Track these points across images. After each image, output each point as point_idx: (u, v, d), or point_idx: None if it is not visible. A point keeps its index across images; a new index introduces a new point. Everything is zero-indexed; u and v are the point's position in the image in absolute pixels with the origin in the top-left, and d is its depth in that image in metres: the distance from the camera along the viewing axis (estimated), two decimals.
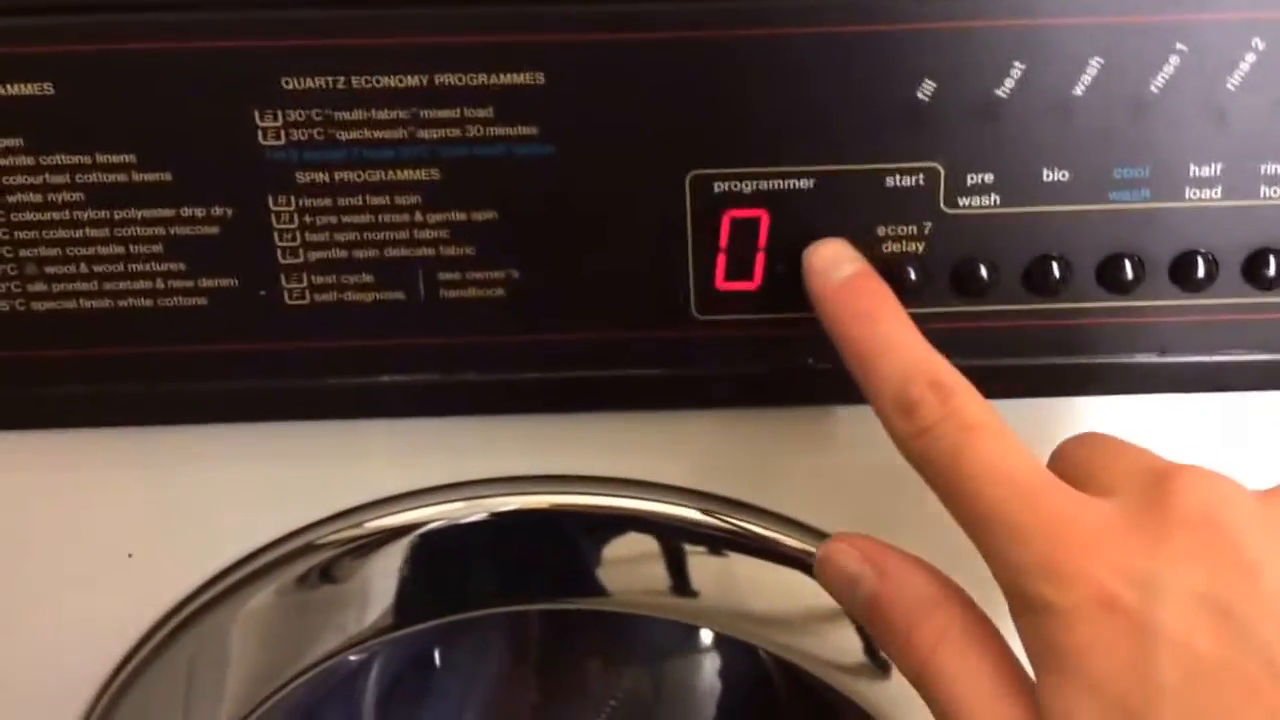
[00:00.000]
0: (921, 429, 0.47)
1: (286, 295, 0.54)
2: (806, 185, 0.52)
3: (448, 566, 0.64)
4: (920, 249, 0.53)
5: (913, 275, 0.53)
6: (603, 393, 0.56)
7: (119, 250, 0.53)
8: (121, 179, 0.51)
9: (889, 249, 0.53)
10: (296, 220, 0.52)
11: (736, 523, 0.62)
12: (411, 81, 0.50)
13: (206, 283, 0.53)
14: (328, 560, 0.62)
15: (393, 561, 0.63)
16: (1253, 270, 0.53)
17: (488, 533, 0.62)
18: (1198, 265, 0.53)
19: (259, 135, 0.51)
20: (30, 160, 0.51)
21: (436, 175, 0.52)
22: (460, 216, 0.53)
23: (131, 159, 0.51)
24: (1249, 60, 0.50)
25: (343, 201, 0.52)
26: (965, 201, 0.52)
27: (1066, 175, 0.52)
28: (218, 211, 0.52)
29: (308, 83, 0.50)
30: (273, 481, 0.61)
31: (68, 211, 0.52)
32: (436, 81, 0.50)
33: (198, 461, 0.59)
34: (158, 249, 0.53)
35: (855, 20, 0.50)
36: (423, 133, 0.51)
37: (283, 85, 0.50)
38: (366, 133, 0.51)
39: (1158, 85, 0.50)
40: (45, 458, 0.59)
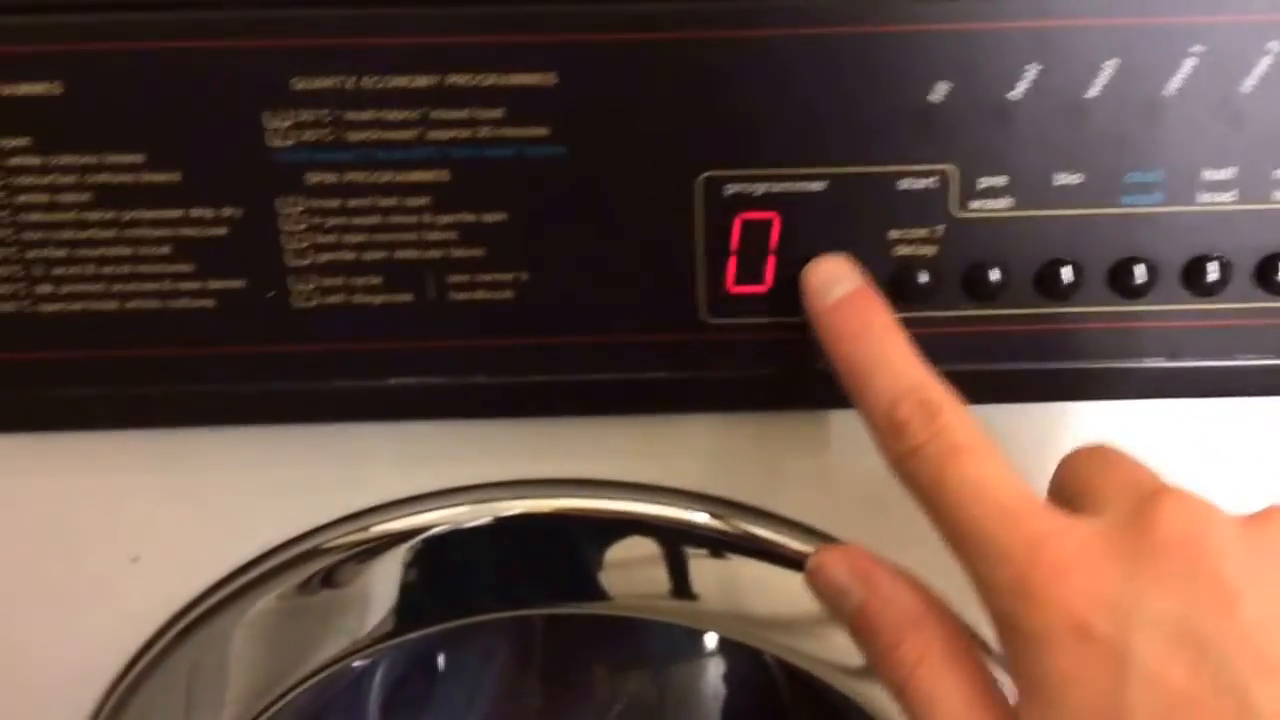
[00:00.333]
0: (909, 449, 0.48)
1: (294, 297, 0.53)
2: (818, 188, 0.52)
3: (452, 571, 0.64)
4: (932, 252, 0.53)
5: (924, 278, 0.53)
6: (612, 396, 0.56)
7: (126, 251, 0.52)
8: (129, 179, 0.51)
9: (900, 252, 0.53)
10: (305, 222, 0.52)
11: (739, 526, 0.62)
12: (422, 82, 0.50)
13: (214, 284, 0.53)
14: (331, 565, 0.62)
15: (396, 566, 0.63)
16: (1265, 274, 0.53)
17: (492, 537, 0.62)
18: (1210, 269, 0.53)
19: (268, 136, 0.51)
20: (38, 160, 0.51)
21: (446, 176, 0.52)
22: (470, 218, 0.52)
23: (140, 159, 0.51)
24: (1265, 63, 0.50)
25: (352, 203, 0.52)
26: (977, 204, 0.52)
27: (1079, 178, 0.52)
28: (226, 212, 0.52)
29: (317, 83, 0.50)
30: (279, 485, 0.60)
31: (75, 212, 0.52)
32: (447, 82, 0.50)
33: (204, 464, 0.59)
34: (165, 250, 0.52)
35: (868, 22, 0.50)
36: (433, 133, 0.51)
37: (292, 85, 0.50)
38: (376, 133, 0.51)
39: (1172, 88, 0.50)
40: (50, 460, 0.59)
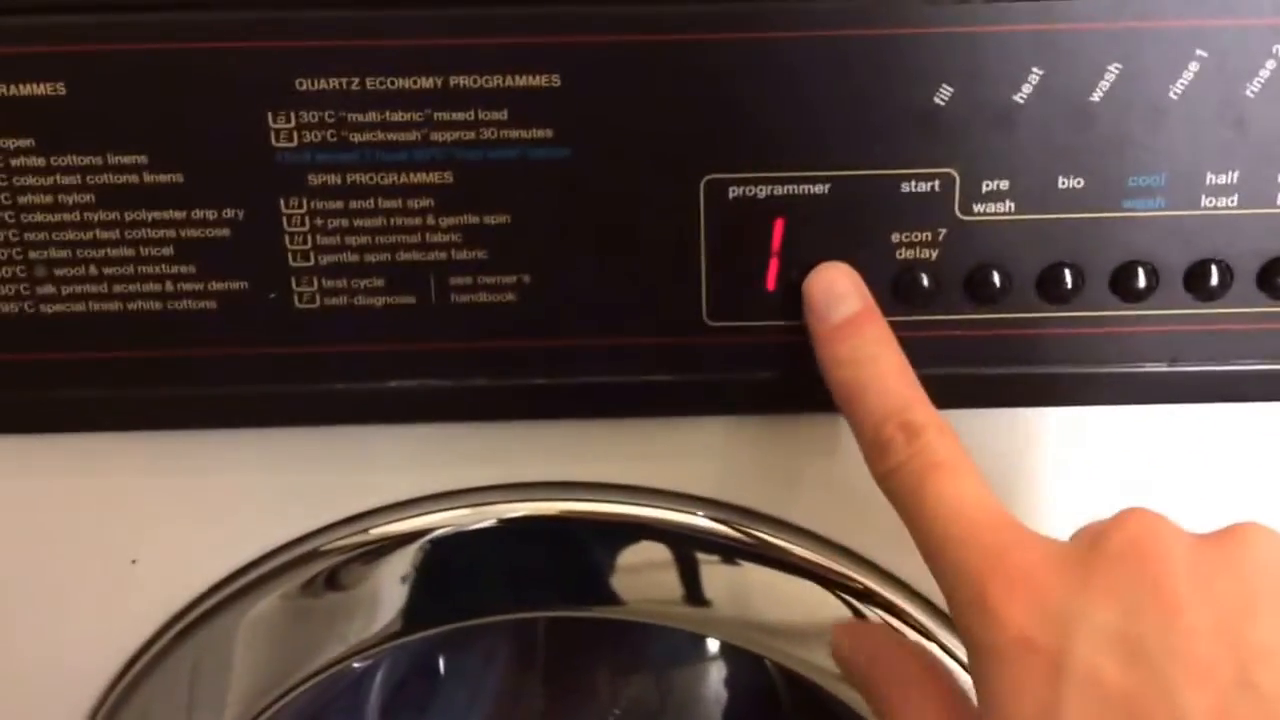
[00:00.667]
0: (891, 466, 0.49)
1: (297, 298, 0.53)
2: (822, 190, 0.52)
3: (455, 573, 0.64)
4: (934, 255, 0.53)
5: (926, 281, 0.53)
6: (614, 398, 0.56)
7: (129, 252, 0.52)
8: (133, 180, 0.51)
9: (903, 255, 0.53)
10: (308, 223, 0.52)
11: (747, 531, 0.62)
12: (426, 83, 0.50)
13: (216, 285, 0.53)
14: (334, 566, 0.62)
15: (400, 568, 0.63)
16: (1267, 279, 0.53)
17: (496, 540, 0.62)
18: (1212, 274, 0.53)
19: (272, 137, 0.51)
20: (41, 161, 0.51)
21: (450, 178, 0.52)
22: (473, 220, 0.52)
23: (143, 160, 0.51)
24: (1269, 67, 0.50)
25: (355, 204, 0.52)
26: (980, 208, 0.52)
27: (1082, 182, 0.52)
28: (229, 213, 0.52)
29: (321, 84, 0.50)
30: (280, 487, 0.60)
31: (78, 213, 0.52)
32: (451, 83, 0.50)
33: (205, 466, 0.59)
34: (168, 251, 0.52)
35: (873, 25, 0.50)
36: (436, 135, 0.51)
37: (296, 86, 0.50)
38: (380, 135, 0.51)
39: (1176, 91, 0.50)
40: (51, 461, 0.59)
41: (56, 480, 0.60)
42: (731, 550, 0.62)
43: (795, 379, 0.55)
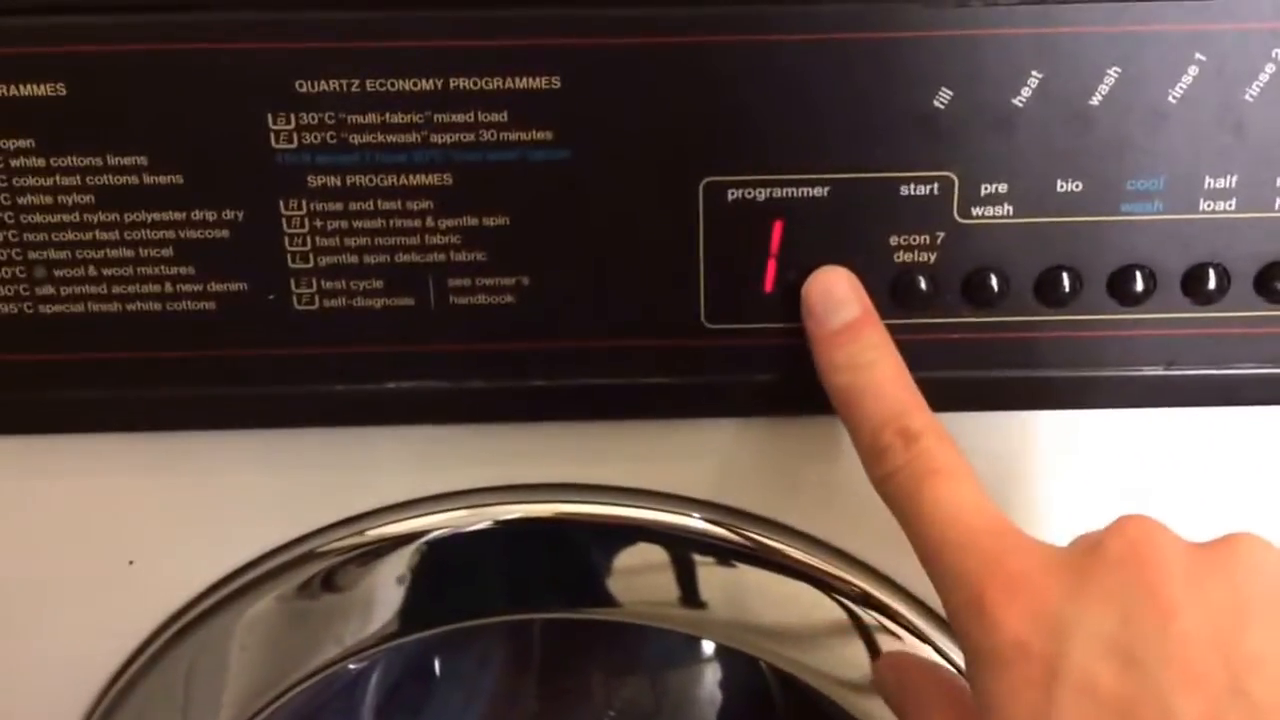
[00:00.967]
0: (888, 472, 0.50)
1: (296, 300, 0.53)
2: (821, 193, 0.52)
3: (451, 575, 0.64)
4: (932, 258, 0.53)
5: (924, 285, 0.53)
6: (613, 401, 0.56)
7: (129, 253, 0.52)
8: (133, 181, 0.51)
9: (901, 258, 0.53)
10: (307, 224, 0.52)
11: (744, 534, 0.62)
12: (426, 85, 0.50)
13: (216, 286, 0.53)
14: (329, 568, 0.62)
15: (395, 570, 0.63)
16: (1265, 283, 0.53)
17: (492, 541, 0.62)
18: (1209, 278, 0.53)
19: (271, 138, 0.51)
20: (41, 161, 0.51)
21: (449, 180, 0.52)
22: (472, 222, 0.52)
23: (143, 161, 0.51)
24: (1268, 71, 0.50)
25: (354, 206, 0.52)
26: (978, 211, 0.52)
27: (1080, 186, 0.52)
28: (228, 215, 0.52)
29: (321, 85, 0.50)
30: (277, 488, 0.60)
31: (78, 214, 0.52)
32: (451, 85, 0.50)
33: (203, 468, 0.59)
34: (167, 252, 0.52)
35: (873, 28, 0.50)
36: (436, 137, 0.51)
37: (296, 88, 0.50)
38: (379, 136, 0.51)
39: (1175, 95, 0.50)
40: (49, 462, 0.59)
41: (54, 481, 0.60)
42: (727, 552, 0.62)
43: (793, 381, 0.55)
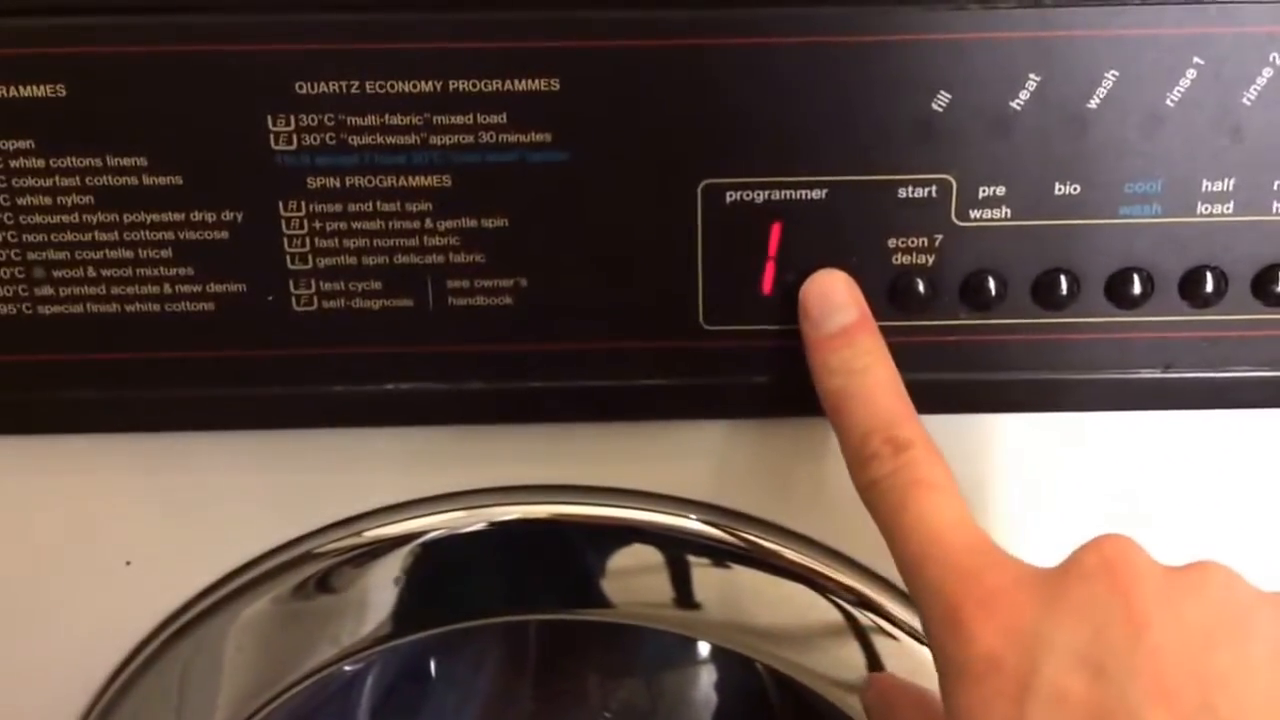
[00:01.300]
0: (873, 480, 0.50)
1: (294, 301, 0.53)
2: (819, 196, 0.52)
3: (446, 576, 0.64)
4: (930, 261, 0.53)
5: (922, 287, 0.53)
6: (611, 402, 0.56)
7: (128, 254, 0.52)
8: (132, 182, 0.51)
9: (899, 261, 0.53)
10: (306, 225, 0.52)
11: (739, 535, 0.62)
12: (425, 87, 0.50)
13: (215, 287, 0.53)
14: (326, 569, 0.62)
15: (391, 571, 0.63)
16: (1262, 286, 0.53)
17: (487, 543, 0.62)
18: (1207, 281, 0.53)
19: (271, 139, 0.51)
20: (41, 162, 0.51)
21: (448, 182, 0.52)
22: (471, 223, 0.52)
23: (142, 162, 0.51)
24: (1266, 75, 0.50)
25: (353, 207, 0.52)
26: (976, 214, 0.52)
27: (1078, 189, 0.52)
28: (228, 216, 0.52)
29: (321, 87, 0.50)
30: (274, 489, 0.60)
31: (77, 214, 0.52)
32: (450, 87, 0.50)
33: (200, 468, 0.59)
34: (167, 253, 0.52)
35: (871, 31, 0.50)
36: (435, 138, 0.51)
37: (296, 89, 0.50)
38: (379, 138, 0.51)
39: (1173, 99, 0.50)
40: (48, 463, 0.59)
41: (51, 481, 0.60)
42: (723, 553, 0.62)
43: (792, 383, 0.55)
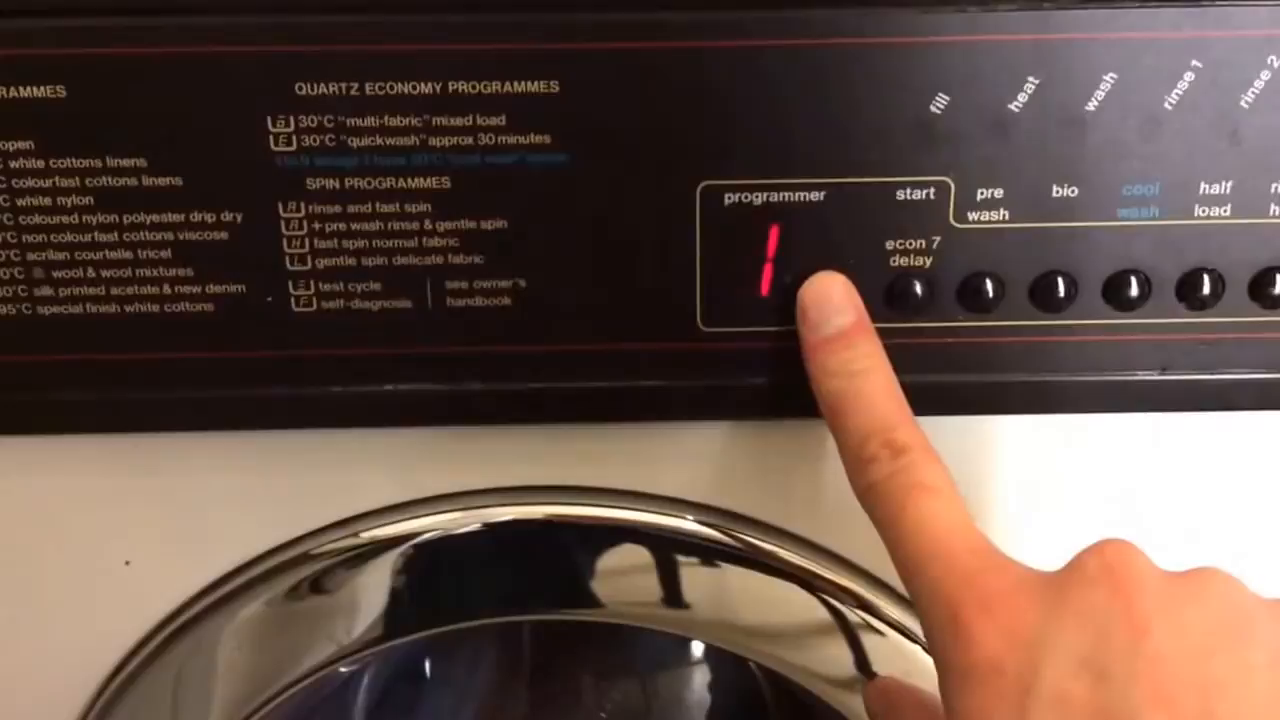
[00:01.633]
0: (871, 483, 0.50)
1: (293, 302, 0.53)
2: (817, 197, 0.52)
3: (440, 577, 0.64)
4: (928, 263, 0.53)
5: (920, 289, 0.53)
6: (608, 403, 0.56)
7: (127, 255, 0.52)
8: (131, 183, 0.51)
9: (897, 262, 0.53)
10: (306, 227, 0.52)
11: (731, 534, 0.62)
12: (425, 89, 0.50)
13: (214, 288, 0.53)
14: (320, 571, 0.62)
15: (385, 572, 0.62)
16: (1259, 289, 0.53)
17: (481, 544, 0.62)
18: (1204, 283, 0.53)
19: (270, 141, 0.51)
20: (40, 163, 0.51)
21: (447, 183, 0.52)
22: (470, 225, 0.52)
23: (142, 163, 0.51)
24: (1264, 78, 0.50)
25: (352, 209, 0.52)
26: (974, 216, 0.52)
27: (1076, 191, 0.52)
28: (227, 217, 0.52)
29: (320, 89, 0.50)
30: (270, 490, 0.60)
31: (76, 215, 0.52)
32: (450, 89, 0.50)
33: (199, 469, 0.59)
34: (166, 254, 0.52)
35: (870, 33, 0.50)
36: (435, 140, 0.51)
37: (296, 91, 0.50)
38: (378, 140, 0.51)
39: (1171, 102, 0.50)
40: (43, 463, 0.59)
41: (49, 481, 0.59)
42: (719, 554, 0.62)
43: (789, 385, 0.55)
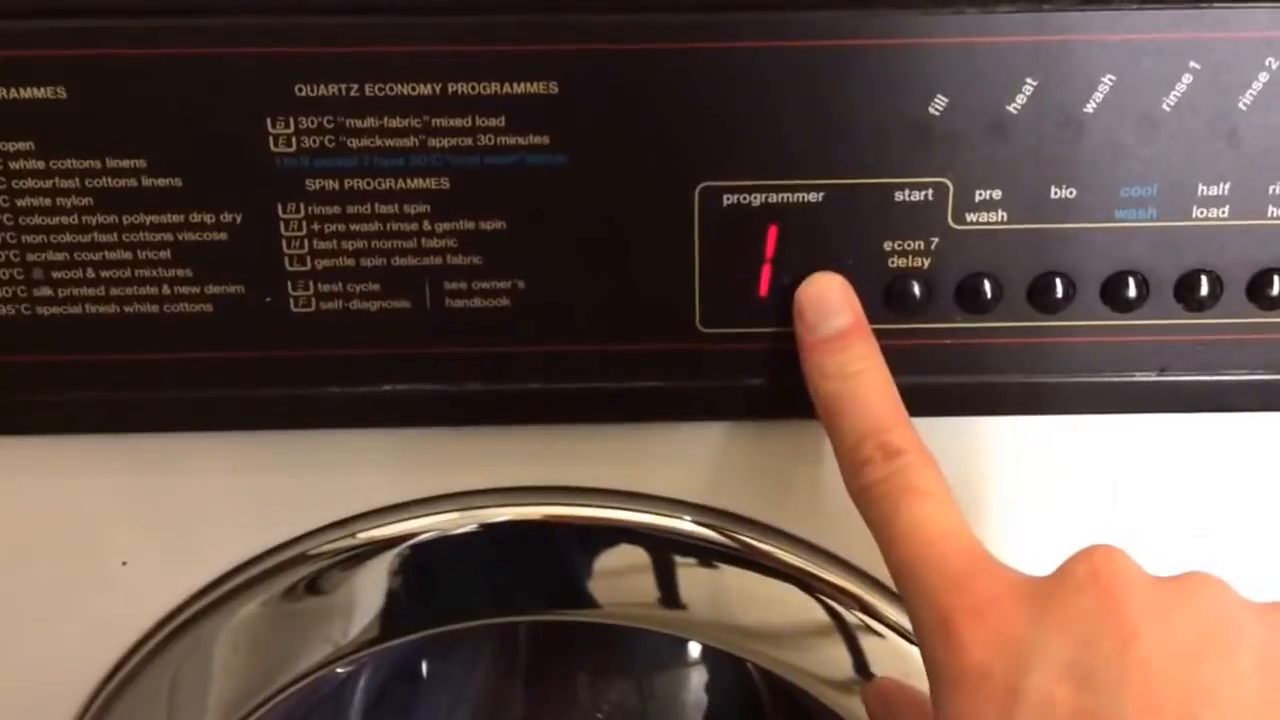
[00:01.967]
0: (865, 485, 0.50)
1: (292, 303, 0.53)
2: (816, 199, 0.52)
3: (437, 578, 0.64)
4: (926, 264, 0.53)
5: (918, 290, 0.53)
6: (607, 404, 0.56)
7: (126, 255, 0.52)
8: (131, 184, 0.51)
9: (895, 264, 0.53)
10: (305, 227, 0.52)
11: (728, 535, 0.62)
12: (424, 90, 0.50)
13: (213, 289, 0.53)
14: (317, 571, 0.62)
15: (382, 573, 0.62)
16: (1257, 290, 0.53)
17: (478, 544, 0.62)
18: (1202, 284, 0.53)
19: (270, 142, 0.51)
20: (40, 164, 0.51)
21: (446, 184, 0.52)
22: (469, 225, 0.52)
23: (142, 164, 0.51)
24: (1262, 79, 0.50)
25: (351, 209, 0.52)
26: (972, 217, 0.52)
27: (1074, 192, 0.52)
28: (227, 218, 0.52)
29: (320, 89, 0.50)
30: (267, 490, 0.60)
31: (76, 216, 0.52)
32: (449, 90, 0.50)
33: (198, 469, 0.59)
34: (165, 255, 0.52)
35: (869, 35, 0.50)
36: (434, 141, 0.51)
37: (295, 92, 0.50)
38: (377, 141, 0.51)
39: (1169, 103, 0.50)
40: (45, 463, 0.59)
41: (49, 482, 0.59)
42: (716, 555, 0.62)
43: (787, 386, 0.55)
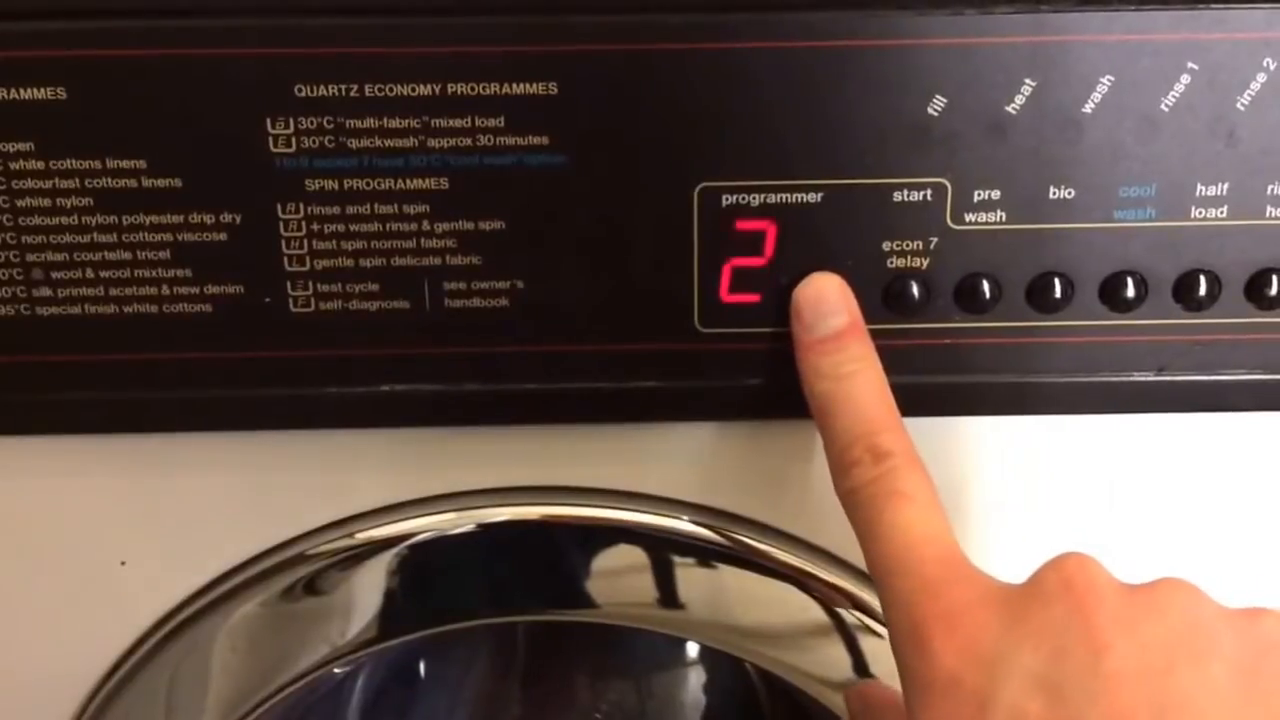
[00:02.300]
0: (853, 487, 0.50)
1: (292, 303, 0.53)
2: (814, 199, 0.52)
3: (435, 578, 0.64)
4: (925, 264, 0.53)
5: (916, 290, 0.53)
6: (605, 404, 0.56)
7: (126, 256, 0.52)
8: (131, 184, 0.51)
9: (894, 264, 0.53)
10: (304, 228, 0.52)
11: (726, 535, 0.62)
12: (423, 90, 0.50)
13: (212, 289, 0.53)
14: (315, 572, 0.62)
15: (380, 573, 0.62)
16: (1255, 290, 0.53)
17: (476, 544, 0.62)
18: (1200, 284, 0.53)
19: (270, 142, 0.51)
20: (40, 164, 0.51)
21: (446, 185, 0.52)
22: (468, 226, 0.53)
23: (142, 164, 0.51)
24: (1260, 80, 0.50)
25: (351, 210, 0.52)
26: (971, 217, 0.53)
27: (1072, 193, 0.52)
28: (226, 218, 0.52)
29: (320, 90, 0.50)
30: (266, 490, 0.60)
31: (76, 216, 0.52)
32: (448, 91, 0.50)
33: (197, 470, 0.59)
34: (165, 255, 0.52)
35: (868, 36, 0.50)
36: (433, 142, 0.51)
37: (295, 93, 0.50)
38: (377, 141, 0.51)
39: (1168, 104, 0.51)
40: (44, 463, 0.59)
41: (47, 482, 0.59)
42: (714, 554, 0.62)
43: (786, 385, 0.55)
